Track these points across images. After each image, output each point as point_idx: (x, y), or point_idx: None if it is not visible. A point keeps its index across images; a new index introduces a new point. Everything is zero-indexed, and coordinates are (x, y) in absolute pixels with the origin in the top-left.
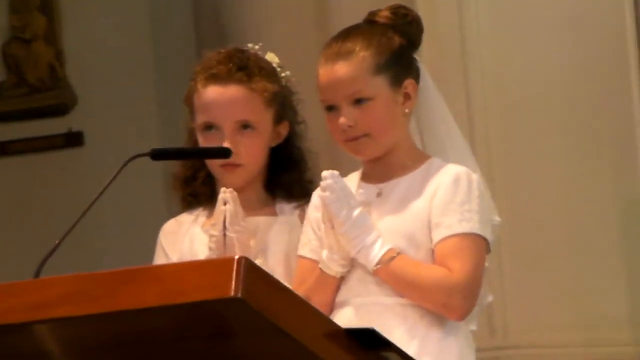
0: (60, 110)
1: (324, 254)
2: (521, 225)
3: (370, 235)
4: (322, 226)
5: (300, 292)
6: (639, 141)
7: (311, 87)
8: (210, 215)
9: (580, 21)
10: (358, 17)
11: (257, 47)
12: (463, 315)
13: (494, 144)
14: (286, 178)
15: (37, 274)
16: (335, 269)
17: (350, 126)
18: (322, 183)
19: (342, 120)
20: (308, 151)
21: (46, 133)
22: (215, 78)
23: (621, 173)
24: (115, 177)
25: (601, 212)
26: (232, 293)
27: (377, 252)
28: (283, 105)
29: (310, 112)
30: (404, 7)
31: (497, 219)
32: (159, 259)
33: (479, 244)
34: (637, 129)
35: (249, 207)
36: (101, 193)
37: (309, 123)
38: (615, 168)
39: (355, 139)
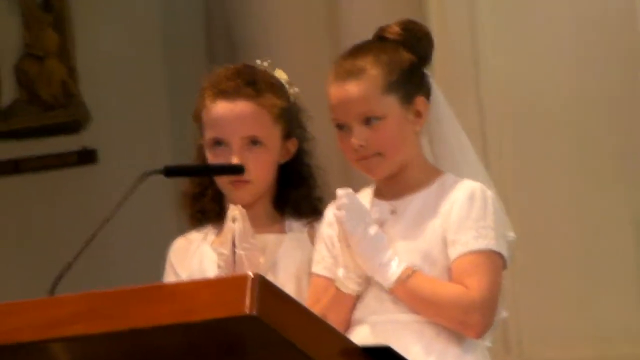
0: (74, 127)
1: (340, 272)
2: (534, 239)
3: (386, 254)
4: (336, 243)
5: (315, 310)
6: None
7: (322, 103)
8: (219, 232)
9: (593, 33)
10: (369, 34)
11: (265, 63)
12: (481, 332)
13: (507, 158)
14: (295, 195)
15: (51, 292)
16: (351, 287)
17: (361, 146)
18: (337, 201)
19: (353, 140)
20: (317, 168)
21: (59, 150)
22: (223, 94)
23: (633, 184)
24: (128, 194)
25: (614, 225)
26: (247, 310)
27: (394, 270)
28: (291, 122)
29: (320, 128)
30: (414, 23)
31: (512, 234)
32: (168, 277)
33: (495, 261)
34: None
35: (257, 224)
36: (115, 210)
37: (318, 139)
38: (628, 179)
39: (367, 158)
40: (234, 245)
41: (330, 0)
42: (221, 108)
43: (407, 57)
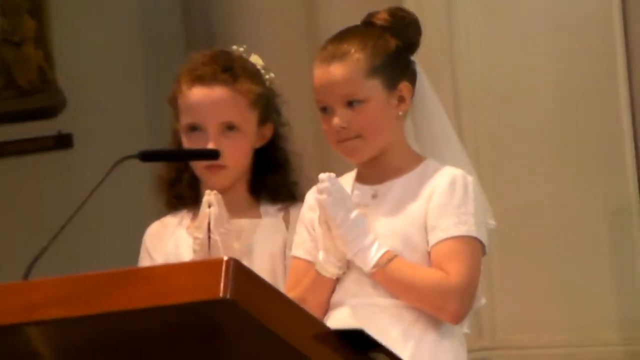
0: (50, 112)
1: (320, 255)
2: (509, 228)
3: (367, 238)
4: (317, 227)
5: (295, 292)
6: (627, 145)
7: (298, 90)
8: (194, 217)
9: (570, 23)
10: (347, 22)
11: (241, 49)
12: (459, 318)
13: (483, 148)
14: (270, 180)
15: (26, 276)
16: (331, 270)
17: (343, 127)
18: (319, 185)
19: (335, 121)
20: (292, 153)
21: (36, 135)
22: (200, 79)
23: (609, 176)
24: (104, 179)
25: (589, 214)
26: (221, 294)
27: (374, 254)
28: (267, 107)
29: (295, 115)
30: (402, 10)
31: (492, 222)
32: (144, 261)
33: (475, 247)
34: (625, 133)
35: (233, 209)
36: (90, 195)
37: (294, 126)
38: (604, 171)
39: (348, 140)
40: (209, 230)
41: None
42: (197, 93)
43: (393, 43)
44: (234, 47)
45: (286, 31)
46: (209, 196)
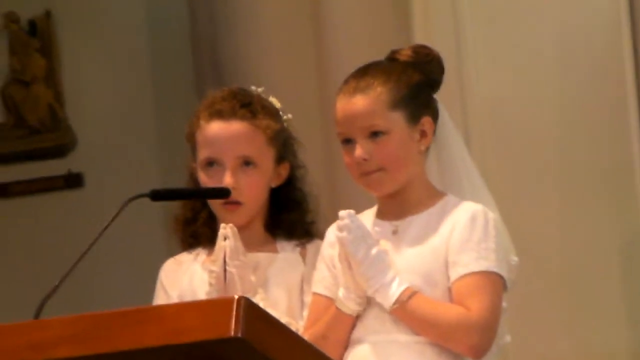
0: (60, 151)
1: (340, 292)
2: (519, 259)
3: (387, 274)
4: (337, 263)
5: (315, 329)
6: (638, 173)
7: (307, 129)
8: (210, 253)
9: (578, 44)
10: (357, 61)
11: (260, 89)
12: (481, 354)
13: (492, 180)
14: (287, 218)
15: (37, 315)
16: (351, 307)
17: (365, 159)
18: (339, 223)
19: (357, 152)
20: (309, 194)
21: (46, 174)
22: (218, 114)
23: (619, 205)
24: (115, 217)
25: (600, 247)
26: (232, 333)
27: (395, 291)
28: (284, 146)
29: (308, 156)
30: (426, 47)
31: (514, 258)
32: (159, 298)
33: (496, 282)
34: (636, 163)
35: (249, 245)
36: (101, 234)
37: (308, 167)
38: (613, 200)
39: (370, 173)
40: (225, 263)
41: (317, 27)
42: (216, 127)
43: (416, 77)
44: (252, 87)
45: (295, 71)
46: (225, 229)
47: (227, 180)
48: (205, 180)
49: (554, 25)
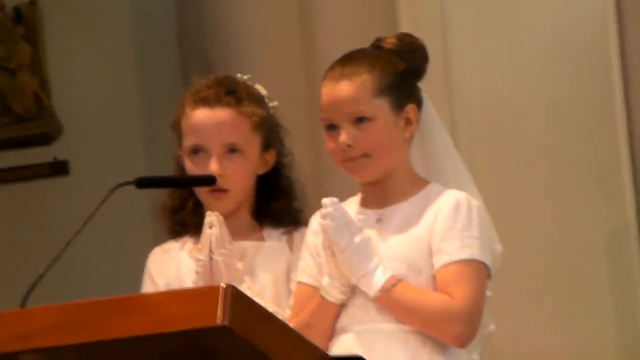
0: (46, 139)
1: (325, 280)
2: (506, 253)
3: (371, 262)
4: (321, 252)
5: (300, 318)
6: (625, 168)
7: (294, 117)
8: (197, 241)
9: (566, 40)
10: (344, 49)
11: (245, 77)
12: (465, 342)
13: (479, 171)
14: (274, 206)
15: (23, 304)
16: (335, 295)
17: (349, 145)
18: (322, 210)
19: (342, 138)
20: (296, 182)
21: (31, 162)
22: (204, 101)
23: (608, 201)
24: (100, 205)
25: (588, 241)
26: (219, 321)
27: (379, 279)
28: (270, 133)
29: (292, 142)
30: (410, 35)
31: (498, 247)
32: (147, 286)
33: (480, 270)
34: (622, 157)
35: (236, 233)
36: (86, 221)
37: (294, 154)
38: (601, 195)
39: (354, 159)
40: (211, 251)
41: (303, 16)
42: (201, 114)
43: (401, 65)
44: (238, 74)
45: (282, 60)
46: (210, 217)
47: (213, 168)
48: (191, 167)
49: (543, 18)
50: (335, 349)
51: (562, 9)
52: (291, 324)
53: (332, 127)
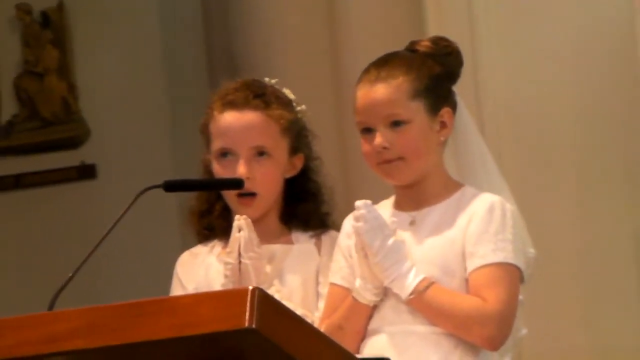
0: (73, 143)
1: (357, 282)
2: (536, 254)
3: (404, 265)
4: (354, 254)
5: (332, 319)
6: None
7: (322, 122)
8: (225, 245)
9: (593, 41)
10: (370, 58)
11: (273, 81)
12: (497, 345)
13: (507, 173)
14: (302, 209)
15: (51, 307)
16: (368, 297)
17: (385, 148)
18: (356, 213)
19: (377, 140)
20: (324, 186)
21: (59, 166)
22: (232, 104)
23: (634, 199)
24: (127, 209)
25: (616, 240)
26: (246, 324)
27: (411, 281)
28: (298, 137)
29: (319, 146)
30: (445, 39)
31: (531, 250)
32: (176, 290)
33: (513, 274)
34: None
35: (265, 237)
36: (114, 225)
37: (322, 159)
38: (628, 195)
39: (389, 161)
40: (240, 254)
41: (331, 21)
42: (229, 118)
43: (436, 69)
44: (266, 78)
45: (310, 64)
46: (239, 221)
47: (241, 170)
48: (219, 170)
49: (569, 19)
50: (367, 351)
51: (589, 10)
52: (323, 326)
53: (367, 130)
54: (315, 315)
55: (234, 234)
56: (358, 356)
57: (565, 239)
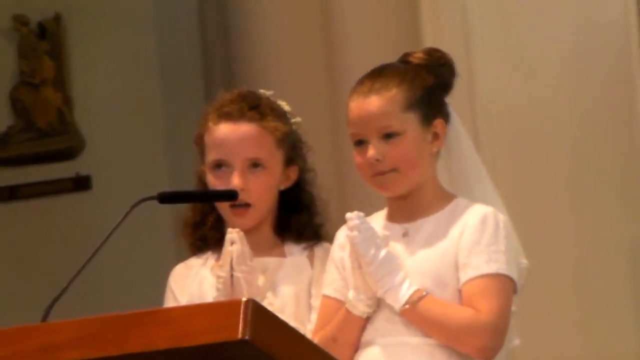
0: (69, 154)
1: (351, 294)
2: (530, 262)
3: (397, 276)
4: (347, 265)
5: (325, 331)
6: None
7: (317, 132)
8: (219, 257)
9: (588, 46)
10: (367, 68)
11: (269, 93)
12: (490, 356)
13: (502, 182)
14: (295, 220)
15: (45, 317)
16: (361, 309)
17: (378, 160)
18: (349, 223)
19: (370, 152)
20: (318, 198)
21: (54, 177)
22: (227, 116)
23: (631, 209)
24: (122, 220)
25: (610, 249)
26: (240, 335)
27: (405, 292)
28: (293, 149)
29: (314, 157)
30: (438, 50)
31: (524, 261)
32: (169, 303)
33: (506, 285)
34: None
35: (257, 249)
36: (108, 236)
37: (317, 171)
38: (622, 203)
39: (383, 173)
40: (232, 268)
41: (327, 32)
42: (224, 129)
43: (430, 80)
44: (261, 90)
45: (305, 76)
46: (232, 234)
47: (236, 182)
48: (214, 182)
49: (563, 29)
50: None
51: (584, 14)
52: (316, 338)
53: (360, 142)
54: (307, 328)
55: (227, 247)
56: None
57: (560, 246)
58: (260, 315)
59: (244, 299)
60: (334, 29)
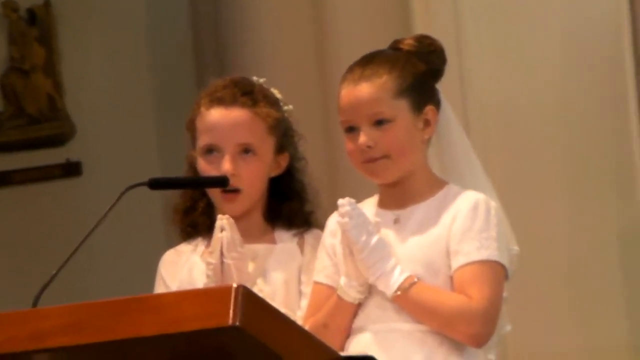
0: (59, 140)
1: (342, 280)
2: (521, 253)
3: (389, 262)
4: (338, 252)
5: (316, 318)
6: (638, 168)
7: (308, 122)
8: (209, 244)
9: (579, 42)
10: (357, 53)
11: (261, 80)
12: (482, 342)
13: (493, 172)
14: (286, 207)
15: (35, 304)
16: (353, 295)
17: (369, 146)
18: (340, 210)
19: (362, 139)
20: (309, 185)
21: (44, 163)
22: (219, 101)
23: (622, 200)
24: (112, 206)
25: (602, 239)
26: (230, 321)
27: (396, 278)
28: (284, 136)
29: (305, 146)
30: (428, 37)
31: (515, 248)
32: (159, 289)
33: (498, 271)
34: (636, 156)
35: (247, 235)
36: (99, 222)
37: (308, 159)
38: (615, 194)
39: (374, 160)
40: (222, 254)
41: (318, 21)
42: (216, 114)
43: (420, 67)
44: (254, 77)
45: (297, 64)
46: (221, 220)
47: (226, 167)
48: (205, 166)
49: (555, 20)
50: (352, 349)
51: (576, 9)
52: (307, 324)
53: (351, 129)
54: (297, 314)
55: (217, 233)
56: (342, 354)
57: (552, 238)
58: (250, 302)
59: (234, 285)
60: (325, 18)
